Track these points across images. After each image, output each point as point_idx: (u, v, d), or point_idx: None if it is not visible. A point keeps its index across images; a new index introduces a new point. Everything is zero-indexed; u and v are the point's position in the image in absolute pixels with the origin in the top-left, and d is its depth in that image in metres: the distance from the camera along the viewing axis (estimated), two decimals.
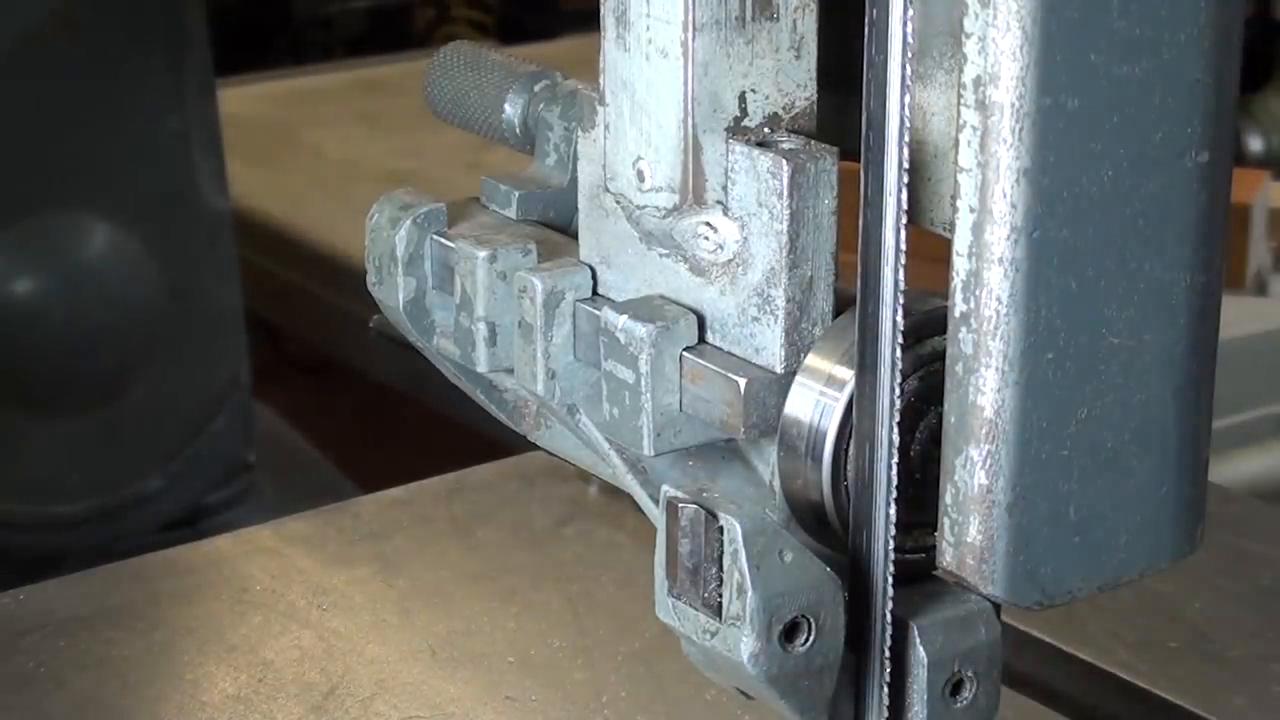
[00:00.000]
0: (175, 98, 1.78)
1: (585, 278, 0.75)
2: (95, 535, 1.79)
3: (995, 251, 0.61)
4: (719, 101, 0.68)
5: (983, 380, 0.62)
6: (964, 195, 0.61)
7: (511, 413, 0.82)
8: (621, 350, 0.70)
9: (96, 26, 1.74)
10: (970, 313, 0.62)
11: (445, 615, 1.07)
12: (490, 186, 0.82)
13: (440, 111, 0.86)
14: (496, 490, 1.21)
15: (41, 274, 1.76)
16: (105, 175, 1.77)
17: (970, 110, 0.60)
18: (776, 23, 0.69)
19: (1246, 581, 1.09)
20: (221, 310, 1.86)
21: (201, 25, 1.79)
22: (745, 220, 0.68)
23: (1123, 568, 0.66)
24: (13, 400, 1.77)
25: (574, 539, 1.15)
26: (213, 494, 1.89)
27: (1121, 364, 0.63)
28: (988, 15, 0.59)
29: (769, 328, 0.68)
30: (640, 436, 0.71)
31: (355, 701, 0.99)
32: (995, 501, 0.62)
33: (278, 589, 1.09)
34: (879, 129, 0.62)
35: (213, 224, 1.84)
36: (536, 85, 0.82)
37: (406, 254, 0.79)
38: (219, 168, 1.82)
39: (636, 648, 1.03)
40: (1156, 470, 0.65)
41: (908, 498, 0.65)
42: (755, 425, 0.69)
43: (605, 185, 0.73)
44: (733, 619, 0.66)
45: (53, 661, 1.03)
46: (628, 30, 0.69)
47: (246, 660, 1.02)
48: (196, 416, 1.86)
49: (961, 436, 0.63)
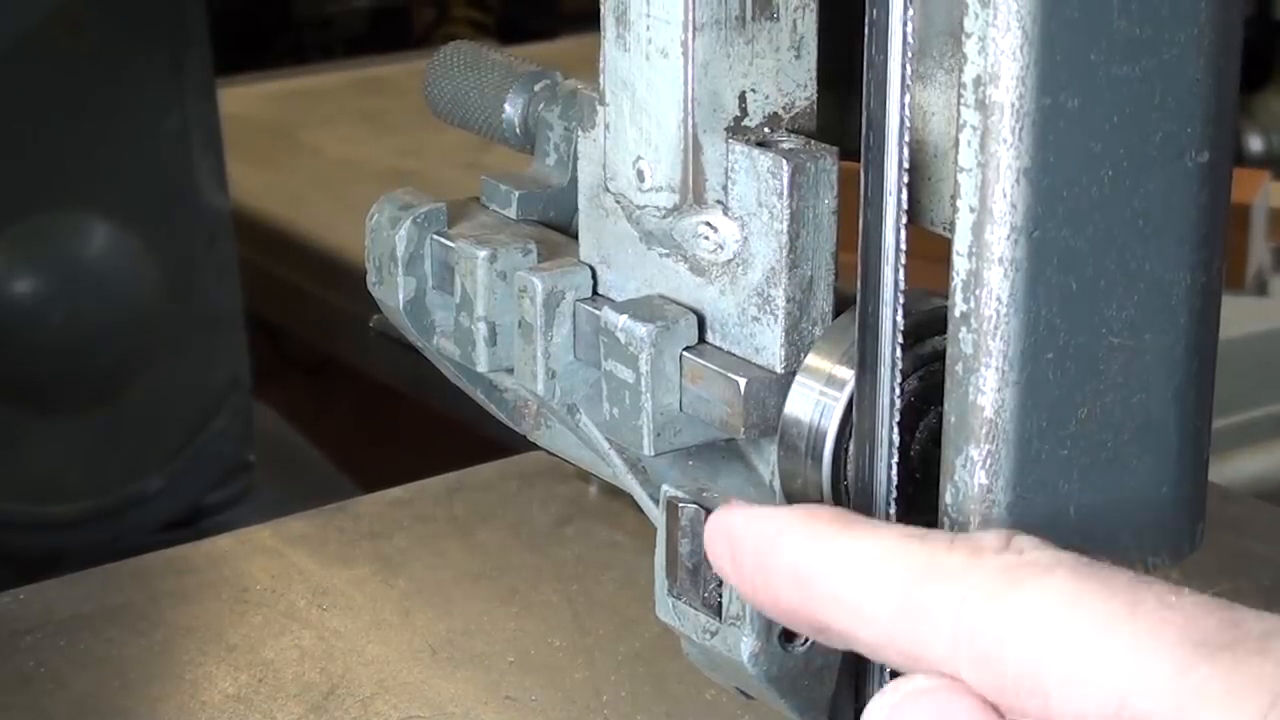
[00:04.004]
0: (175, 98, 1.77)
1: (585, 278, 0.75)
2: (95, 535, 1.79)
3: (995, 251, 0.61)
4: (719, 101, 0.68)
5: (983, 380, 0.62)
6: (964, 195, 0.61)
7: (511, 413, 0.82)
8: (621, 350, 0.70)
9: (97, 26, 1.74)
10: (970, 312, 0.62)
11: (445, 615, 1.07)
12: (490, 186, 0.82)
13: (440, 111, 0.86)
14: (496, 490, 1.21)
15: (41, 274, 1.76)
16: (105, 175, 1.77)
17: (970, 110, 0.60)
18: (776, 23, 0.69)
19: (1246, 581, 1.09)
20: (221, 310, 1.86)
21: (202, 25, 1.78)
22: (745, 220, 0.68)
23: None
24: (12, 400, 1.77)
25: (574, 539, 1.15)
26: (213, 494, 1.89)
27: (1121, 364, 0.63)
28: (988, 15, 0.59)
29: (769, 328, 0.69)
30: (640, 436, 0.71)
31: (355, 701, 0.99)
32: (995, 501, 0.62)
33: (278, 589, 1.09)
34: (879, 129, 0.62)
35: (213, 224, 1.83)
36: (536, 85, 0.82)
37: (406, 254, 0.79)
38: (219, 168, 1.82)
39: (636, 648, 1.03)
40: (1156, 470, 0.65)
41: (908, 497, 0.65)
42: (755, 425, 0.69)
43: (605, 185, 0.73)
44: (733, 619, 0.66)
45: (53, 661, 1.03)
46: (628, 30, 0.69)
47: (246, 660, 1.02)
48: (196, 416, 1.86)
49: (961, 436, 0.63)
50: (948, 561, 0.57)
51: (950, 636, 0.56)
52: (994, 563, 0.56)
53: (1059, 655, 0.53)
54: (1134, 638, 0.53)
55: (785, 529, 0.60)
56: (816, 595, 0.59)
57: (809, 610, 0.59)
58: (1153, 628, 0.53)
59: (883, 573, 0.58)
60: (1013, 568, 0.56)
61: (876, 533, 0.59)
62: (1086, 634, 0.53)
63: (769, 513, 0.61)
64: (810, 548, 0.59)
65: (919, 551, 0.58)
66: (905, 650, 0.57)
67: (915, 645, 0.56)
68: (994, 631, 0.55)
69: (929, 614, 0.56)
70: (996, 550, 0.57)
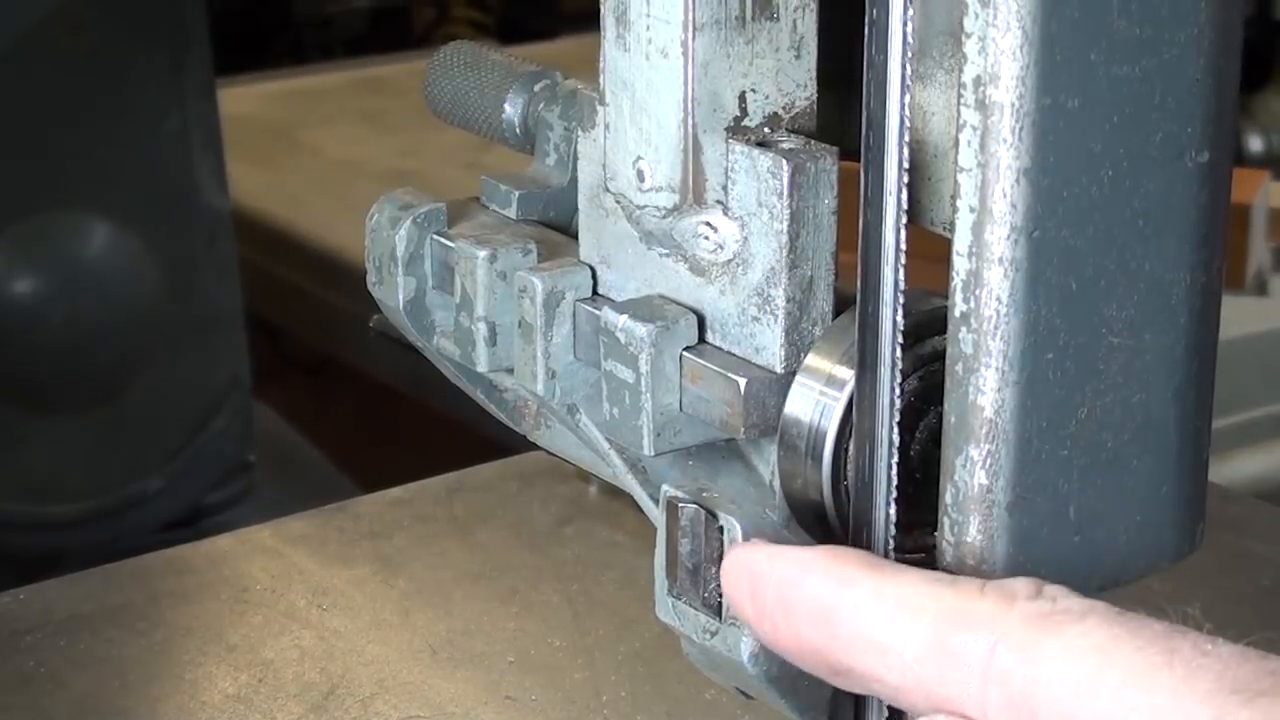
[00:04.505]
0: (175, 98, 1.77)
1: (585, 278, 0.75)
2: (95, 535, 1.79)
3: (995, 251, 0.61)
4: (719, 101, 0.68)
5: (983, 380, 0.62)
6: (964, 195, 0.61)
7: (511, 413, 0.82)
8: (621, 350, 0.70)
9: (97, 26, 1.74)
10: (970, 312, 0.62)
11: (445, 615, 1.07)
12: (490, 186, 0.82)
13: (440, 111, 0.86)
14: (496, 490, 1.21)
15: (41, 274, 1.76)
16: (105, 175, 1.77)
17: (970, 110, 0.60)
18: (776, 23, 0.69)
19: (1246, 581, 1.09)
20: (221, 310, 1.86)
21: (202, 25, 1.79)
22: (745, 220, 0.68)
23: (1123, 568, 0.66)
24: (12, 400, 1.77)
25: (574, 539, 1.15)
26: (213, 494, 1.89)
27: (1121, 364, 0.63)
28: (988, 15, 0.59)
29: (769, 328, 0.68)
30: (640, 436, 0.71)
31: (355, 701, 0.99)
32: (995, 501, 0.62)
33: (278, 589, 1.09)
34: (879, 129, 0.62)
35: (213, 224, 1.83)
36: (536, 85, 0.82)
37: (406, 254, 0.79)
38: (219, 168, 1.82)
39: (636, 648, 1.03)
40: (1156, 470, 0.65)
41: (908, 497, 0.65)
42: (755, 425, 0.68)
43: (605, 185, 0.73)
44: (733, 619, 0.66)
45: (53, 661, 1.03)
46: (628, 30, 0.69)
47: (246, 660, 1.02)
48: (196, 416, 1.86)
49: (961, 436, 0.62)
50: (979, 606, 0.56)
51: (980, 682, 0.55)
52: (1027, 609, 0.56)
53: (1094, 704, 0.53)
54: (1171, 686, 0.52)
55: (810, 568, 0.60)
56: (841, 635, 0.58)
57: (831, 650, 0.59)
58: (1189, 675, 0.53)
59: (912, 615, 0.57)
60: (1046, 615, 0.56)
61: (904, 575, 0.59)
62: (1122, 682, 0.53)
63: (793, 551, 0.61)
64: (836, 588, 0.59)
65: (949, 595, 0.57)
66: (932, 694, 0.56)
67: (943, 689, 0.56)
68: (1026, 678, 0.54)
69: (959, 658, 0.56)
70: (1029, 597, 0.56)
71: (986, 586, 0.57)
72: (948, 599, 0.57)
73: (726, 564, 0.63)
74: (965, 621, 0.56)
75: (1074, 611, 0.56)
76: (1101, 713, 0.53)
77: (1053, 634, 0.55)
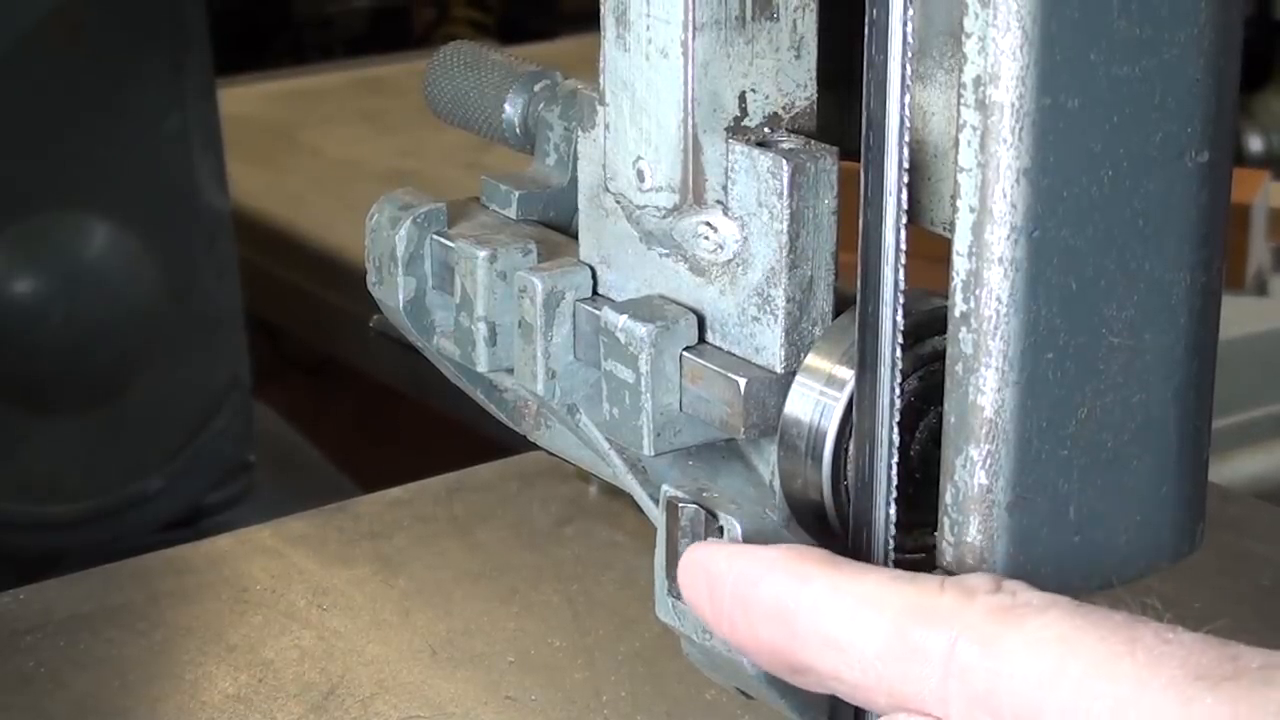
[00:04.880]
0: (175, 98, 1.77)
1: (585, 278, 0.75)
2: (95, 535, 1.79)
3: (995, 251, 0.61)
4: (719, 101, 0.68)
5: (983, 380, 0.62)
6: (964, 195, 0.61)
7: (511, 413, 0.82)
8: (621, 350, 0.70)
9: (97, 26, 1.74)
10: (970, 312, 0.62)
11: (445, 615, 1.07)
12: (490, 186, 0.82)
13: (440, 111, 0.86)
14: (496, 490, 1.21)
15: (41, 274, 1.76)
16: (105, 175, 1.77)
17: (970, 110, 0.60)
18: (776, 23, 0.69)
19: (1247, 581, 1.09)
20: (221, 310, 1.86)
21: (202, 25, 1.78)
22: (745, 220, 0.68)
23: (1122, 568, 0.66)
24: (12, 400, 1.77)
25: (574, 539, 1.15)
26: (213, 494, 1.89)
27: (1121, 364, 0.63)
28: (988, 15, 0.59)
29: (769, 328, 0.68)
30: (640, 436, 0.71)
31: (355, 701, 0.99)
32: (995, 501, 0.62)
33: (278, 589, 1.09)
34: (879, 129, 0.62)
35: (213, 224, 1.83)
36: (536, 85, 0.82)
37: (406, 254, 0.79)
38: (219, 168, 1.82)
39: (636, 648, 1.03)
40: (1156, 470, 0.65)
41: (908, 497, 0.65)
42: (755, 425, 0.69)
43: (605, 185, 0.73)
44: None
45: (53, 661, 1.03)
46: (628, 30, 0.69)
47: (246, 660, 1.02)
48: (196, 416, 1.86)
49: (961, 436, 0.63)
50: (939, 602, 0.56)
51: (941, 677, 0.55)
52: (987, 603, 0.56)
53: (1058, 695, 0.53)
54: (1135, 674, 0.52)
55: (770, 567, 0.60)
56: (799, 634, 0.58)
57: (790, 649, 0.59)
58: (1152, 664, 0.53)
59: (872, 612, 0.57)
60: (1006, 609, 0.56)
61: (864, 573, 0.59)
62: (1085, 673, 0.53)
63: (752, 550, 0.61)
64: (795, 585, 0.59)
65: (909, 592, 0.57)
66: (894, 691, 0.56)
67: (904, 686, 0.56)
68: (988, 672, 0.54)
69: (919, 654, 0.55)
70: (989, 591, 0.56)
71: (946, 582, 0.57)
72: (908, 595, 0.57)
73: (683, 563, 0.63)
74: (925, 617, 0.56)
75: (1034, 605, 0.56)
76: (1065, 704, 0.53)
77: (1014, 627, 0.55)
